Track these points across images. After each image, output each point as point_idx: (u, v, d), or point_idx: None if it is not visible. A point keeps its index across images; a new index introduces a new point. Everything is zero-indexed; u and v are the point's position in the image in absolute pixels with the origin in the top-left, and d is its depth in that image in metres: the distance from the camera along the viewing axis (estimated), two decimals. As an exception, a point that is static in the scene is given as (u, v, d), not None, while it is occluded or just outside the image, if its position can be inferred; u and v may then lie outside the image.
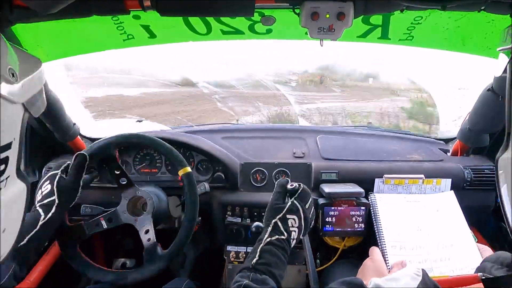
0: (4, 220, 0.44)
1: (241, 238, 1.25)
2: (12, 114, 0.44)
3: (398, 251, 0.94)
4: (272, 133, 1.52)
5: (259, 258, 0.71)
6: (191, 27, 1.04)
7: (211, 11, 0.78)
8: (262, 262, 0.71)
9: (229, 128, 1.62)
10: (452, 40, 1.08)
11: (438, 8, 0.68)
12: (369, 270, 0.78)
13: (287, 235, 0.76)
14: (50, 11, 0.54)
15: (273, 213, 0.79)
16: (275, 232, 0.76)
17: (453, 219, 1.02)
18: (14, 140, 0.45)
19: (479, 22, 0.97)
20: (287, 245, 0.76)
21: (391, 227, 1.01)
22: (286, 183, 0.86)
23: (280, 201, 0.82)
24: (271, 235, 0.75)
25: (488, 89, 1.11)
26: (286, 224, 0.77)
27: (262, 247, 0.74)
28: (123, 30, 1.05)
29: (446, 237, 0.97)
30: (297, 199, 0.81)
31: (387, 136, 1.54)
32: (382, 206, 1.08)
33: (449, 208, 1.05)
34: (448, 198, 1.08)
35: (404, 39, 1.10)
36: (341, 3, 0.72)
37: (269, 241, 0.74)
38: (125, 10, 0.72)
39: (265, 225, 0.79)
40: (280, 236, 0.75)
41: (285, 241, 0.76)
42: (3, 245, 0.46)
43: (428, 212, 1.05)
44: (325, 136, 1.47)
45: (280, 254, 0.73)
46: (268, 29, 1.06)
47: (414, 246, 0.96)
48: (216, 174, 1.28)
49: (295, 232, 0.78)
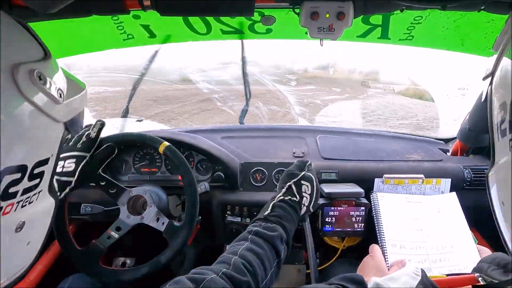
0: (30, 233, 0.46)
1: (241, 237, 1.25)
2: (54, 132, 0.46)
3: (398, 250, 0.94)
4: (272, 133, 1.52)
5: (271, 211, 0.75)
6: (191, 27, 1.04)
7: (211, 11, 0.78)
8: (273, 214, 0.74)
9: (229, 127, 1.62)
10: (452, 40, 1.08)
11: (438, 8, 0.68)
12: (369, 267, 0.79)
13: (299, 198, 0.80)
14: (50, 11, 0.54)
15: (289, 177, 0.83)
16: (288, 193, 0.80)
17: (454, 220, 1.02)
18: (52, 157, 0.46)
19: (479, 22, 0.97)
20: (298, 207, 0.79)
21: (392, 226, 1.01)
22: (308, 163, 0.89)
23: (297, 170, 0.85)
24: (284, 195, 0.79)
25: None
26: (299, 188, 0.81)
27: (275, 203, 0.77)
28: (123, 30, 1.05)
29: (446, 238, 0.97)
30: (311, 171, 0.86)
31: (386, 136, 1.54)
32: (384, 205, 1.08)
33: (450, 210, 1.05)
34: (450, 199, 1.08)
35: (404, 39, 1.10)
36: (341, 3, 0.72)
37: (282, 199, 0.78)
38: (125, 10, 0.72)
39: (280, 187, 0.82)
40: (292, 197, 0.79)
41: (296, 203, 0.79)
42: (25, 258, 0.47)
43: (429, 212, 1.05)
44: (325, 136, 1.47)
45: (291, 212, 0.77)
46: (268, 29, 1.06)
47: (414, 246, 0.96)
48: (216, 173, 1.28)
49: (306, 198, 0.81)
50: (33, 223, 0.46)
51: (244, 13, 0.82)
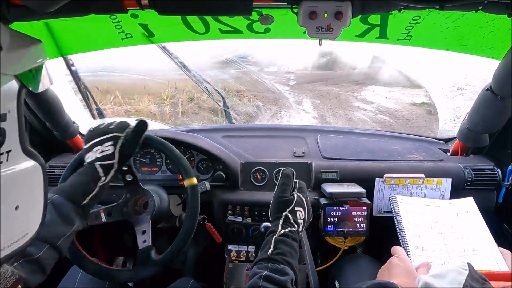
0: (13, 196, 0.44)
1: (242, 237, 1.25)
2: (5, 87, 0.44)
3: (421, 252, 0.91)
4: (272, 132, 1.52)
5: (274, 249, 0.72)
6: (190, 26, 1.04)
7: (210, 10, 0.78)
8: (278, 252, 0.71)
9: (229, 127, 1.62)
10: (450, 40, 1.08)
11: (436, 8, 0.68)
12: (398, 269, 0.75)
13: (297, 227, 0.78)
14: (48, 10, 0.54)
15: (283, 205, 0.81)
16: (287, 224, 0.78)
17: (473, 224, 0.99)
18: (9, 113, 0.44)
19: (477, 22, 0.97)
20: (297, 237, 0.78)
21: (413, 229, 0.98)
22: (292, 174, 0.88)
23: (287, 193, 0.84)
24: (283, 227, 0.77)
25: (487, 89, 1.10)
26: (295, 216, 0.79)
27: (276, 237, 0.74)
28: (121, 29, 1.05)
29: (467, 241, 0.95)
30: (300, 191, 0.85)
31: (387, 135, 1.54)
32: (403, 207, 1.06)
33: (469, 214, 1.03)
34: (467, 204, 1.06)
35: (402, 39, 1.10)
36: (339, 3, 0.72)
37: (283, 233, 0.75)
38: (123, 9, 0.72)
39: (275, 217, 0.80)
40: (292, 228, 0.77)
41: (296, 232, 0.77)
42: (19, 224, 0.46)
43: (448, 216, 1.03)
44: (326, 135, 1.47)
45: (294, 245, 0.75)
46: (266, 28, 1.06)
47: (435, 248, 0.93)
48: (216, 173, 1.28)
49: (301, 223, 0.80)
50: (13, 186, 0.44)
51: (242, 13, 0.82)
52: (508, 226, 1.24)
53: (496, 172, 1.23)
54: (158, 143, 1.04)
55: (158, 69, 6.05)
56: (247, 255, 1.26)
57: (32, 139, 1.32)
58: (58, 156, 1.40)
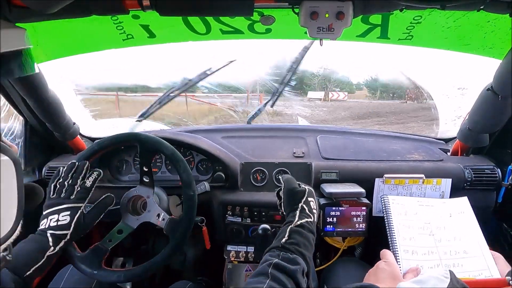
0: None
1: (241, 237, 1.25)
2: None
3: (410, 256, 0.91)
4: (272, 133, 1.52)
5: (288, 238, 0.71)
6: (191, 26, 1.04)
7: (211, 10, 0.78)
8: (291, 242, 0.70)
9: (229, 127, 1.62)
10: (451, 39, 1.08)
11: (437, 8, 0.68)
12: (384, 273, 0.75)
13: (313, 217, 0.77)
14: (49, 11, 0.54)
15: (297, 197, 0.80)
16: (303, 215, 0.76)
17: (466, 225, 0.99)
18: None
19: (478, 21, 0.97)
20: (314, 228, 0.76)
21: (403, 231, 0.98)
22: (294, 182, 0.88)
23: (296, 186, 0.84)
24: (300, 217, 0.76)
25: (488, 89, 1.10)
26: (309, 206, 0.78)
27: (292, 227, 0.73)
28: (122, 30, 1.05)
29: (459, 243, 0.94)
30: (304, 184, 0.86)
31: (387, 136, 1.54)
32: (395, 209, 1.05)
33: (462, 214, 1.03)
34: (462, 204, 1.06)
35: (403, 39, 1.10)
36: (340, 3, 0.72)
37: (299, 223, 0.74)
38: (124, 10, 0.72)
39: (291, 209, 0.79)
40: (308, 218, 0.76)
41: (312, 223, 0.76)
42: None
43: (441, 217, 1.03)
44: (325, 135, 1.47)
45: (309, 237, 0.74)
46: (267, 28, 1.06)
47: (426, 251, 0.93)
48: (216, 173, 1.28)
49: (315, 214, 0.79)
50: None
51: (243, 13, 0.83)
52: (508, 226, 1.24)
53: (496, 172, 1.23)
54: (169, 151, 1.03)
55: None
56: (247, 256, 1.26)
57: (32, 140, 1.32)
58: (58, 157, 1.40)
